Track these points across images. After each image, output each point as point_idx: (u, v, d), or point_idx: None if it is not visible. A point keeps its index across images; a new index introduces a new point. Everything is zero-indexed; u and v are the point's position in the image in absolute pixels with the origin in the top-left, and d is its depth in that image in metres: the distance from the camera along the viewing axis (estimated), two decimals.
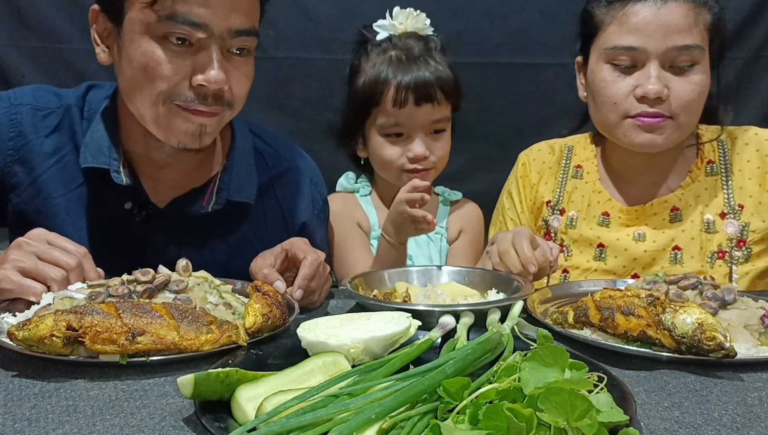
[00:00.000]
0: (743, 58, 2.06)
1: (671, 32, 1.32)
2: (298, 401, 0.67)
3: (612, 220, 1.49)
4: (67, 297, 0.97)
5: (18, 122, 1.29)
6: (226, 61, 1.18)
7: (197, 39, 1.14)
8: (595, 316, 1.00)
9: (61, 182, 1.30)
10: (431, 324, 0.95)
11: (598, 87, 1.40)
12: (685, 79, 1.34)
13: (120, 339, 0.85)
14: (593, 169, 1.56)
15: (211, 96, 1.17)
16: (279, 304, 1.02)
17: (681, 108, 1.34)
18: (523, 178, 1.63)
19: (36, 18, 2.04)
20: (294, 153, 1.51)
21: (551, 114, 2.09)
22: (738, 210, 1.44)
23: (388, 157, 1.63)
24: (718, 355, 0.88)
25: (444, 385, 0.66)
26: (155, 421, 0.72)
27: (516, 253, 1.23)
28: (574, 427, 0.59)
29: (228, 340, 0.91)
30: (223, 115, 1.22)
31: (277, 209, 1.44)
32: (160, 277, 1.02)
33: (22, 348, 0.86)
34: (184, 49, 1.14)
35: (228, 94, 1.19)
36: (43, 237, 1.07)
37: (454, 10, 2.09)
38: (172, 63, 1.14)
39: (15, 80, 2.01)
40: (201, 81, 1.14)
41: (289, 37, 2.08)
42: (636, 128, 1.36)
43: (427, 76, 1.57)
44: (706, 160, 1.49)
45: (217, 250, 1.35)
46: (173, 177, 1.33)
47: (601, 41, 1.39)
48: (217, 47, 1.15)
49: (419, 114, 1.58)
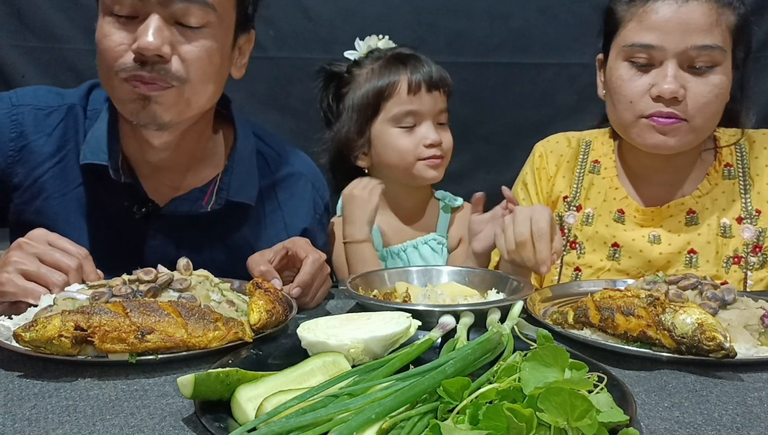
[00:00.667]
0: None
1: (691, 31, 1.29)
2: (298, 401, 0.67)
3: (627, 218, 1.47)
4: (69, 298, 0.97)
5: (19, 123, 1.29)
6: (172, 32, 1.15)
7: (139, 11, 1.13)
8: (595, 317, 1.00)
9: (61, 182, 1.30)
10: (431, 324, 0.95)
11: (615, 84, 1.38)
12: (704, 81, 1.31)
13: (129, 338, 0.86)
14: (611, 165, 1.53)
15: (150, 64, 1.14)
16: (281, 300, 1.03)
17: (697, 110, 1.31)
18: (539, 169, 1.60)
19: (36, 18, 2.04)
20: (297, 157, 1.50)
21: (551, 114, 2.10)
22: (755, 215, 1.42)
23: (405, 147, 1.65)
24: (718, 355, 0.88)
25: (444, 385, 0.66)
26: (155, 421, 0.72)
27: (533, 249, 1.21)
28: (574, 427, 0.59)
29: (235, 337, 0.92)
30: (178, 91, 1.18)
31: (278, 213, 1.43)
32: (164, 276, 1.03)
33: (28, 350, 0.86)
34: (128, 21, 1.14)
35: (176, 66, 1.16)
36: (44, 238, 1.07)
37: (454, 10, 2.10)
38: (115, 35, 1.14)
39: (15, 80, 2.01)
40: (134, 47, 1.14)
41: (289, 37, 2.08)
42: (650, 129, 1.34)
43: (429, 66, 1.65)
44: (724, 163, 1.46)
45: (216, 251, 1.35)
46: (172, 177, 1.33)
47: (620, 38, 1.38)
48: (157, 15, 1.13)
49: (430, 100, 1.63)
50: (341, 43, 2.09)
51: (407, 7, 2.10)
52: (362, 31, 2.09)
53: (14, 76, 2.02)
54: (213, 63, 1.21)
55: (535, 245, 1.22)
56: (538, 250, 1.21)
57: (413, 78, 1.62)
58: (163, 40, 1.14)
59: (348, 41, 2.08)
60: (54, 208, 1.29)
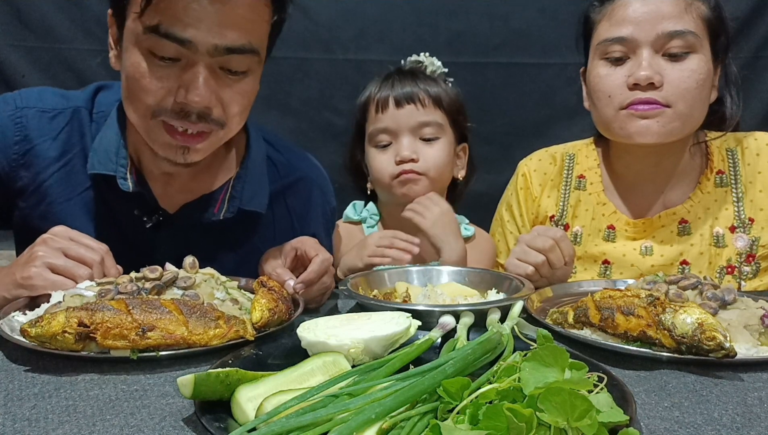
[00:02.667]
0: (743, 58, 2.06)
1: (661, 18, 1.30)
2: (298, 401, 0.67)
3: (618, 233, 1.46)
4: (77, 295, 0.99)
5: (23, 126, 1.27)
6: (216, 79, 1.13)
7: (183, 55, 1.09)
8: (595, 316, 1.00)
9: (67, 186, 1.28)
10: (431, 324, 0.95)
11: (594, 83, 1.38)
12: (680, 66, 1.31)
13: (131, 334, 0.87)
14: (597, 179, 1.52)
15: (195, 114, 1.13)
16: (284, 299, 1.03)
17: (678, 96, 1.31)
18: (524, 190, 1.59)
19: (36, 18, 2.04)
20: (305, 162, 1.50)
21: (551, 114, 2.10)
22: (749, 223, 1.41)
23: (380, 166, 1.60)
24: (718, 355, 0.88)
25: (444, 385, 0.66)
26: (155, 421, 0.72)
27: (538, 269, 1.24)
28: (574, 427, 0.59)
29: (236, 335, 0.92)
30: (215, 135, 1.18)
31: (287, 219, 1.43)
32: (168, 274, 1.03)
33: (34, 345, 0.87)
34: (169, 64, 1.10)
35: (217, 113, 1.15)
36: (66, 234, 1.08)
37: (454, 10, 2.10)
38: (156, 78, 1.10)
39: (15, 80, 2.01)
40: (182, 100, 1.11)
41: (289, 37, 2.07)
42: (631, 117, 1.33)
43: (408, 84, 1.57)
44: (716, 170, 1.45)
45: (226, 258, 1.34)
46: (182, 182, 1.31)
47: (595, 38, 1.39)
48: (203, 64, 1.10)
49: (401, 115, 1.56)
50: (341, 43, 2.09)
51: (407, 7, 2.10)
52: (362, 31, 2.10)
53: (14, 76, 2.02)
54: (250, 103, 1.21)
55: (559, 245, 1.24)
56: (564, 247, 1.24)
57: (379, 95, 1.57)
58: (211, 91, 1.11)
59: (348, 41, 2.09)
60: (59, 213, 1.27)
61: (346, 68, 2.09)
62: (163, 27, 1.07)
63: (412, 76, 1.60)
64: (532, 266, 1.24)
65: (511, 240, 1.59)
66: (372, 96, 1.59)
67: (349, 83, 2.07)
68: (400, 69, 1.63)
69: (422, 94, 1.55)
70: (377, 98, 1.57)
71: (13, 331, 0.93)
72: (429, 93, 1.56)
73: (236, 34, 1.10)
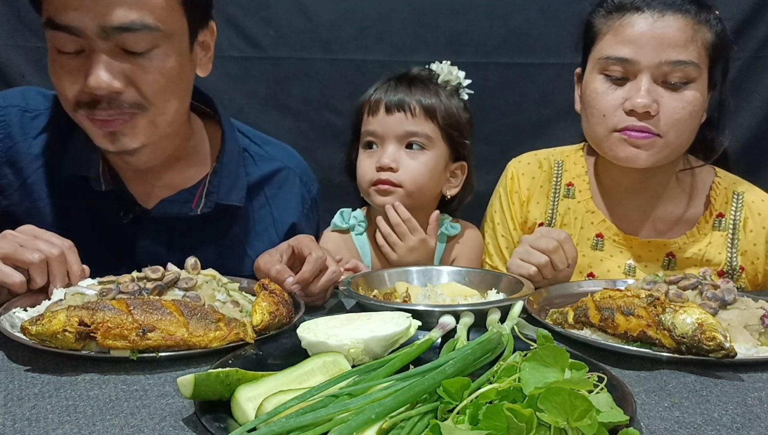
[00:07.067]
0: (743, 58, 2.06)
1: (665, 46, 1.28)
2: (298, 401, 0.67)
3: (606, 241, 1.47)
4: (78, 293, 0.99)
5: (6, 124, 1.29)
6: (122, 61, 1.11)
7: (81, 45, 1.09)
8: (595, 316, 1.00)
9: (49, 184, 1.30)
10: (431, 324, 0.95)
11: (590, 97, 1.38)
12: (677, 97, 1.30)
13: (131, 335, 0.87)
14: (585, 187, 1.52)
15: (105, 101, 1.12)
16: (285, 302, 1.03)
17: (670, 126, 1.31)
18: (512, 192, 1.58)
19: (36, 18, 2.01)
20: (283, 152, 1.50)
21: (551, 114, 2.09)
22: (738, 272, 1.42)
23: (362, 170, 1.55)
24: (718, 355, 0.88)
25: (444, 385, 0.66)
26: (155, 421, 0.72)
27: (541, 270, 1.24)
28: (574, 427, 0.59)
29: (236, 337, 0.92)
30: (142, 117, 1.16)
31: (266, 209, 1.43)
32: (170, 275, 1.03)
33: (35, 343, 0.87)
34: (74, 57, 1.10)
35: (130, 95, 1.13)
36: (31, 231, 1.08)
37: (454, 10, 2.09)
38: (65, 73, 1.12)
39: (15, 80, 2.01)
40: (86, 88, 1.10)
41: (289, 37, 2.08)
42: (622, 142, 1.33)
43: (402, 90, 1.52)
44: (716, 213, 1.44)
45: (207, 250, 1.34)
46: (157, 177, 1.33)
47: (597, 51, 1.37)
48: (100, 49, 1.08)
49: (390, 121, 1.50)
50: (341, 43, 2.09)
51: (407, 7, 2.10)
52: (362, 31, 2.09)
53: (14, 76, 2.02)
54: (170, 80, 1.17)
55: (563, 246, 1.24)
56: (567, 249, 1.24)
57: (374, 98, 1.53)
58: (113, 75, 1.10)
59: (348, 41, 2.08)
60: (43, 210, 1.29)
61: (346, 68, 2.09)
62: (52, 19, 1.08)
63: (410, 83, 1.54)
64: (534, 267, 1.24)
65: (503, 241, 1.59)
66: (368, 98, 1.57)
67: (349, 83, 2.06)
68: (405, 74, 1.58)
69: (413, 103, 1.50)
70: (371, 101, 1.54)
71: (13, 328, 0.93)
72: (422, 103, 1.50)
73: (122, 11, 1.08)
